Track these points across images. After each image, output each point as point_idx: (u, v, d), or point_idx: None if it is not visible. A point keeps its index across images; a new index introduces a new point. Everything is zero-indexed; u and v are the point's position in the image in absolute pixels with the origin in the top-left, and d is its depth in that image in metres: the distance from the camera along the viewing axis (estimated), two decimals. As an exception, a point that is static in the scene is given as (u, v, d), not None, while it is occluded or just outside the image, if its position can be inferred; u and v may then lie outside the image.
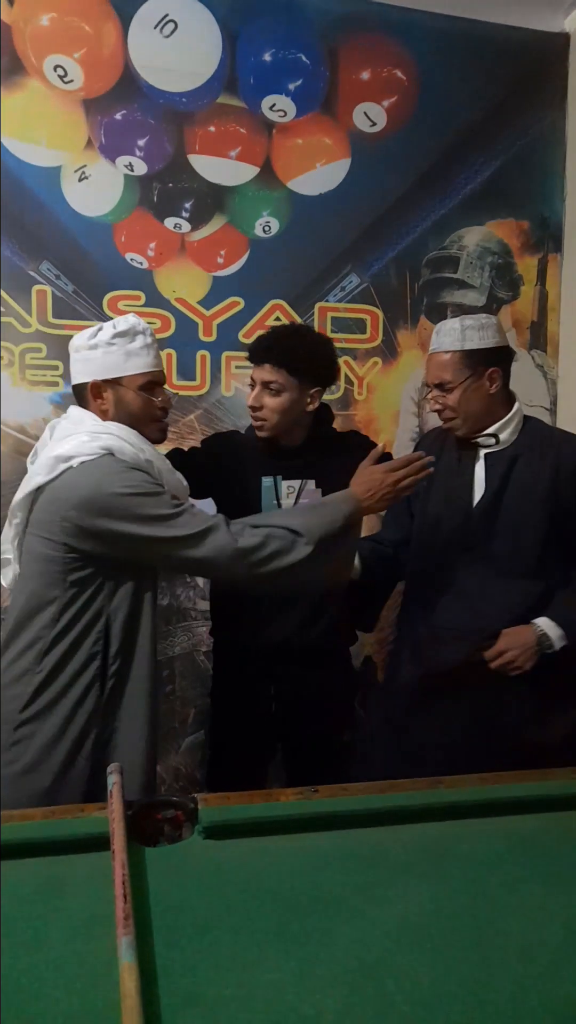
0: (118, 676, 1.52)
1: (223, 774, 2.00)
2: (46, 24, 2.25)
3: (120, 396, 1.58)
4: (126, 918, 0.88)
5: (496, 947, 0.91)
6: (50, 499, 1.49)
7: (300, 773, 1.99)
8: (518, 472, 1.75)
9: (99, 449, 1.48)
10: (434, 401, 1.81)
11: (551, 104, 2.68)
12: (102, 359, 1.57)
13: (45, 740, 1.48)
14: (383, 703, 2.01)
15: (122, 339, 1.57)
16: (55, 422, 1.63)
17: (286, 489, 1.89)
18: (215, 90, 2.40)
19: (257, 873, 1.05)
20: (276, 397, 1.83)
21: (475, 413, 1.77)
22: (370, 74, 2.52)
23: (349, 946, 0.91)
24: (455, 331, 1.76)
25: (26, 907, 0.97)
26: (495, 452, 1.79)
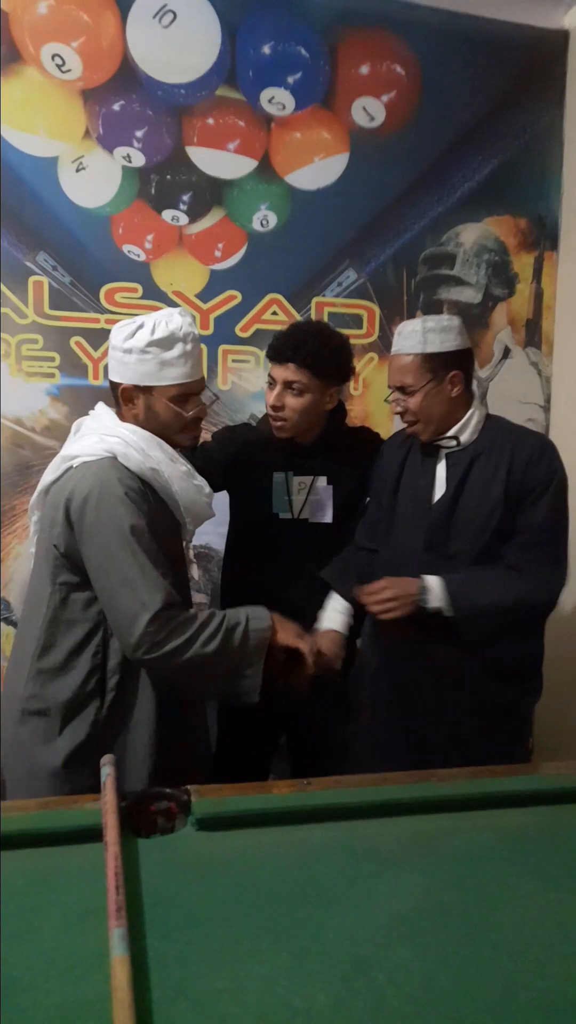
0: (119, 691, 1.47)
1: (229, 769, 1.99)
2: (44, 12, 2.23)
3: (150, 404, 1.52)
4: (118, 910, 0.89)
5: (488, 941, 0.91)
6: (51, 498, 1.48)
7: (305, 766, 2.00)
8: (476, 472, 1.74)
9: (103, 451, 1.45)
10: (395, 404, 1.78)
11: (550, 102, 2.67)
12: (136, 366, 1.49)
13: (40, 747, 1.46)
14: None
15: (158, 348, 1.48)
16: (80, 420, 1.60)
17: (297, 485, 1.89)
18: (214, 82, 2.39)
19: (250, 865, 1.05)
20: (299, 397, 1.81)
21: (436, 416, 1.75)
22: (369, 69, 2.51)
23: (341, 939, 0.91)
24: (416, 333, 1.73)
25: (19, 898, 0.97)
26: (456, 452, 1.78)
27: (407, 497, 1.84)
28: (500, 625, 1.69)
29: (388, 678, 1.86)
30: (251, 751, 1.99)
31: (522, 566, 1.68)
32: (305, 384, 1.80)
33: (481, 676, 1.75)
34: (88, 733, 1.46)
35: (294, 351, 1.80)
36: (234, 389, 2.49)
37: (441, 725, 1.78)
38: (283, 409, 1.81)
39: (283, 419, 1.83)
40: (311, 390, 1.81)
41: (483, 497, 1.72)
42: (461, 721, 1.77)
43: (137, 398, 1.52)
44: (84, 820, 1.11)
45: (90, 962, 0.86)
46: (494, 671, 1.75)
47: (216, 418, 2.46)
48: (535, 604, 1.70)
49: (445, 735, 1.78)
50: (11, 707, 1.50)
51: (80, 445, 1.48)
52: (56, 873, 1.03)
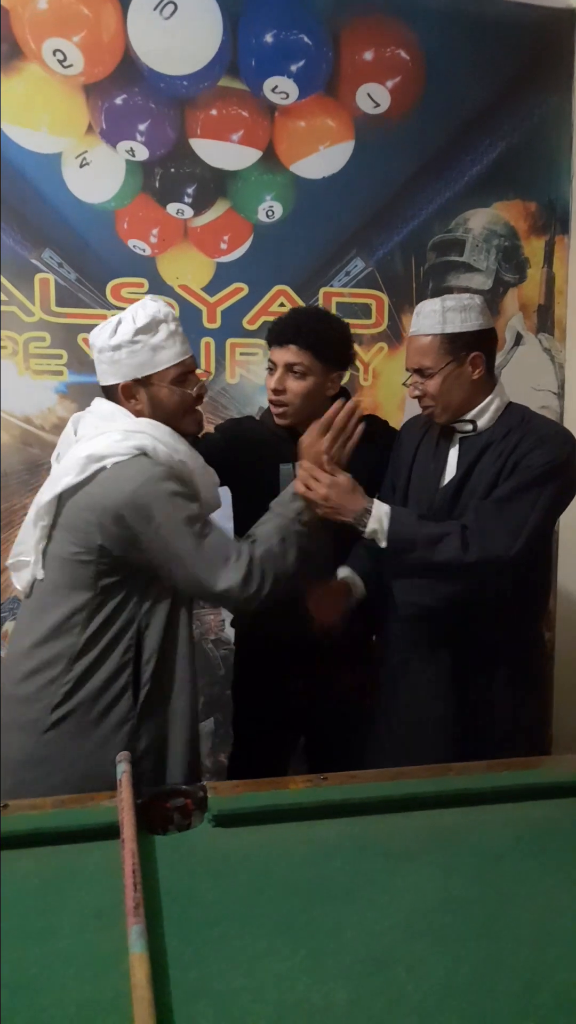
0: (153, 683, 1.47)
1: (246, 771, 1.97)
2: (44, 7, 2.22)
3: (153, 394, 1.50)
4: (136, 907, 0.89)
5: (507, 936, 0.91)
6: (83, 502, 1.43)
7: (323, 763, 1.98)
8: (486, 459, 1.69)
9: (132, 449, 1.42)
10: (413, 387, 1.72)
11: (558, 84, 2.63)
12: (128, 360, 1.48)
13: (73, 748, 1.44)
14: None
15: (145, 335, 1.47)
16: (78, 416, 1.56)
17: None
18: (216, 73, 2.37)
19: (266, 862, 1.05)
20: (301, 380, 1.78)
21: (456, 400, 1.69)
22: (373, 54, 2.48)
23: (359, 936, 0.91)
24: (435, 313, 1.67)
25: (36, 897, 0.98)
26: (470, 438, 1.73)
27: (418, 480, 1.80)
28: (427, 571, 1.61)
29: (405, 674, 1.84)
30: (269, 753, 1.98)
31: (472, 525, 1.60)
32: (307, 367, 1.77)
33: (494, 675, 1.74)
34: (126, 730, 1.46)
35: (295, 332, 1.77)
36: (242, 382, 2.48)
37: (458, 720, 1.76)
38: (284, 393, 1.78)
39: (284, 404, 1.79)
40: (313, 373, 1.78)
41: (483, 487, 1.67)
42: (478, 714, 1.76)
43: (139, 392, 1.51)
44: (100, 818, 1.12)
45: (108, 960, 0.86)
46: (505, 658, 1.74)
47: (224, 412, 2.45)
48: (464, 560, 1.58)
49: (460, 730, 1.76)
50: (37, 719, 1.47)
51: (104, 444, 1.44)
52: (73, 871, 1.03)
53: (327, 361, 1.79)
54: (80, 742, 1.44)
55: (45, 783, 1.40)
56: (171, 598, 1.50)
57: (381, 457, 1.92)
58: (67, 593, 1.46)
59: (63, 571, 1.47)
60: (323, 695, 1.92)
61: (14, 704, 1.48)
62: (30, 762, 1.45)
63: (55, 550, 1.48)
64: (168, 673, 1.50)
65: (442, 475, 1.75)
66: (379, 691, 1.94)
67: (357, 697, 1.97)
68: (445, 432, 1.78)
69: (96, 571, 1.44)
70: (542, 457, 1.62)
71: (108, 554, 1.42)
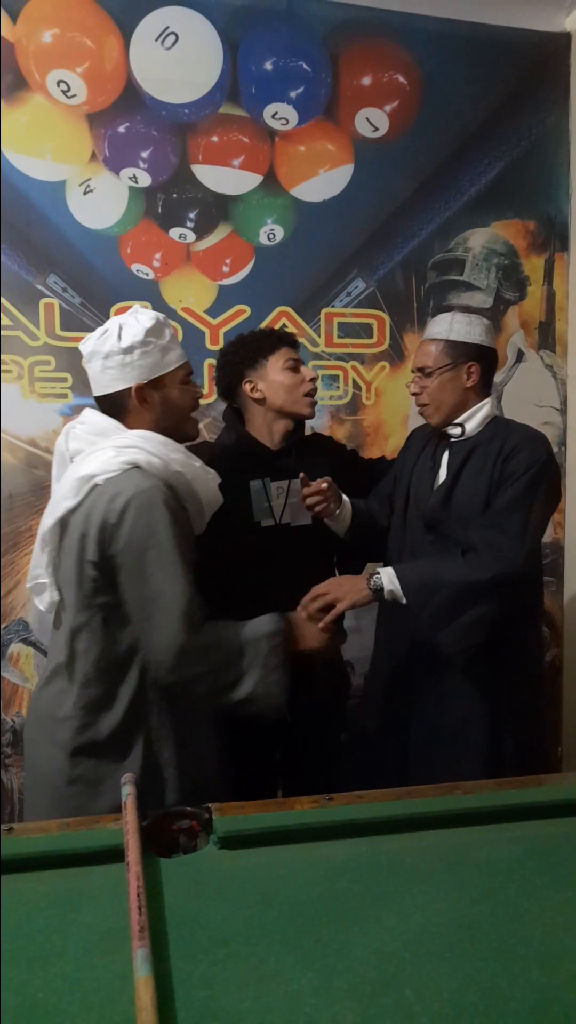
0: (170, 699, 1.46)
1: (232, 788, 1.95)
2: (48, 41, 2.27)
3: (165, 395, 1.51)
4: (141, 930, 0.88)
5: (517, 955, 0.90)
6: (77, 521, 1.43)
7: (302, 778, 1.97)
8: (472, 460, 1.81)
9: (124, 464, 1.41)
10: (414, 384, 1.87)
11: (554, 104, 2.67)
12: (141, 361, 1.47)
13: (101, 769, 1.43)
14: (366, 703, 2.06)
15: (154, 336, 1.48)
16: (70, 426, 1.53)
17: (275, 490, 1.86)
18: (217, 100, 2.41)
19: (273, 883, 1.04)
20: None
21: (449, 402, 1.83)
22: (371, 79, 2.52)
23: (367, 956, 0.89)
24: (445, 321, 1.84)
25: (42, 920, 0.97)
26: (459, 442, 1.86)
27: (417, 480, 1.92)
28: (455, 604, 1.66)
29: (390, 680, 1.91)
30: (254, 772, 1.92)
31: (478, 544, 1.70)
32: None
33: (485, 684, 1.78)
34: (143, 749, 1.44)
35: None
36: (247, 403, 2.49)
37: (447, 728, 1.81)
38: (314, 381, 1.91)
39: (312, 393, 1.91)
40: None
41: (473, 487, 1.79)
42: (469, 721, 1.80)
43: (151, 396, 1.50)
44: (106, 840, 1.11)
45: (114, 983, 0.85)
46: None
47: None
48: (482, 579, 1.66)
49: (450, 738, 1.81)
50: (65, 741, 1.46)
51: (97, 463, 1.42)
52: (78, 894, 1.02)
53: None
54: (106, 763, 1.44)
55: (79, 801, 1.41)
56: None
57: (336, 466, 1.98)
58: (75, 613, 1.46)
59: (71, 591, 1.46)
60: (304, 707, 1.90)
61: (48, 722, 1.48)
62: (67, 780, 1.44)
63: (64, 574, 1.48)
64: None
65: (435, 477, 1.88)
66: (370, 708, 1.98)
67: (332, 711, 1.99)
68: (440, 439, 1.90)
69: (94, 588, 1.42)
70: (525, 460, 1.74)
71: (102, 570, 1.40)
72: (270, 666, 1.43)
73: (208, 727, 1.55)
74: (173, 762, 1.47)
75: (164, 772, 1.46)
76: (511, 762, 1.80)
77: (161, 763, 1.47)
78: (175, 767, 1.47)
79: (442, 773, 1.70)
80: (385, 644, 1.99)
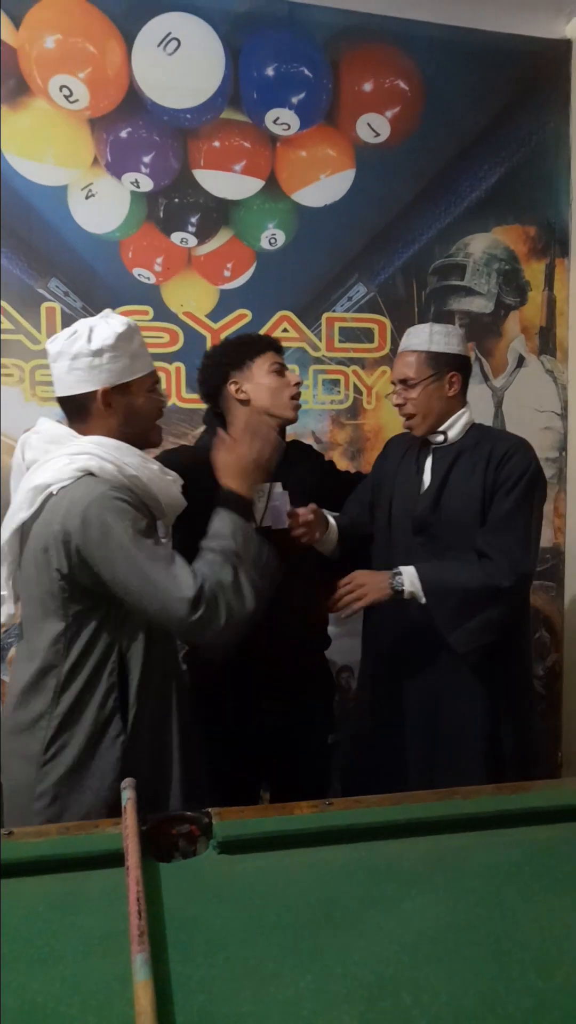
0: (140, 705, 1.45)
1: (219, 796, 1.93)
2: (51, 46, 2.28)
3: (131, 402, 1.49)
4: (141, 935, 0.88)
5: (515, 960, 0.90)
6: (37, 532, 1.42)
7: (292, 781, 1.97)
8: (459, 466, 1.87)
9: (77, 472, 1.39)
10: (397, 396, 1.90)
11: (554, 110, 2.68)
12: (110, 364, 1.45)
13: (70, 777, 1.43)
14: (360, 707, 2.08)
15: (125, 341, 1.46)
16: (25, 437, 1.51)
17: (256, 493, 1.86)
18: (219, 105, 2.42)
19: (272, 887, 1.04)
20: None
21: (432, 412, 1.88)
22: (373, 85, 2.53)
23: (365, 960, 0.90)
24: (423, 332, 1.89)
25: (41, 924, 0.97)
26: (442, 448, 1.91)
27: (400, 487, 1.96)
28: (470, 606, 1.76)
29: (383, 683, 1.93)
30: (234, 777, 1.92)
31: (490, 551, 1.77)
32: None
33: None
34: (120, 756, 1.43)
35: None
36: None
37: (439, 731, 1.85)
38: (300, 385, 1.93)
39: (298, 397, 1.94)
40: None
41: (465, 491, 1.84)
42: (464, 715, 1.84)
43: (117, 401, 1.47)
44: (105, 844, 1.11)
45: (113, 987, 0.85)
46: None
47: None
48: (501, 586, 1.75)
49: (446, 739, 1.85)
50: (34, 752, 1.45)
51: (50, 472, 1.41)
52: (78, 898, 1.03)
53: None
54: (80, 773, 1.43)
55: (50, 813, 1.40)
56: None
57: (311, 475, 2.01)
58: (43, 625, 1.44)
59: (36, 604, 1.45)
60: (283, 716, 1.91)
61: (16, 734, 1.47)
62: (35, 793, 1.43)
63: (25, 584, 1.47)
64: (155, 693, 1.49)
65: (420, 482, 1.93)
66: (364, 714, 2.02)
67: (320, 710, 2.00)
68: (422, 446, 1.95)
69: (63, 599, 1.40)
70: (519, 465, 1.82)
71: (69, 580, 1.39)
72: (254, 559, 1.44)
73: (187, 735, 1.54)
74: (147, 775, 1.45)
75: (149, 780, 1.45)
76: (509, 764, 1.82)
77: (141, 774, 1.43)
78: (148, 779, 1.45)
79: (438, 776, 1.72)
80: (373, 649, 2.01)
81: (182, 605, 1.33)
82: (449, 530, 1.83)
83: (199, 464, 1.85)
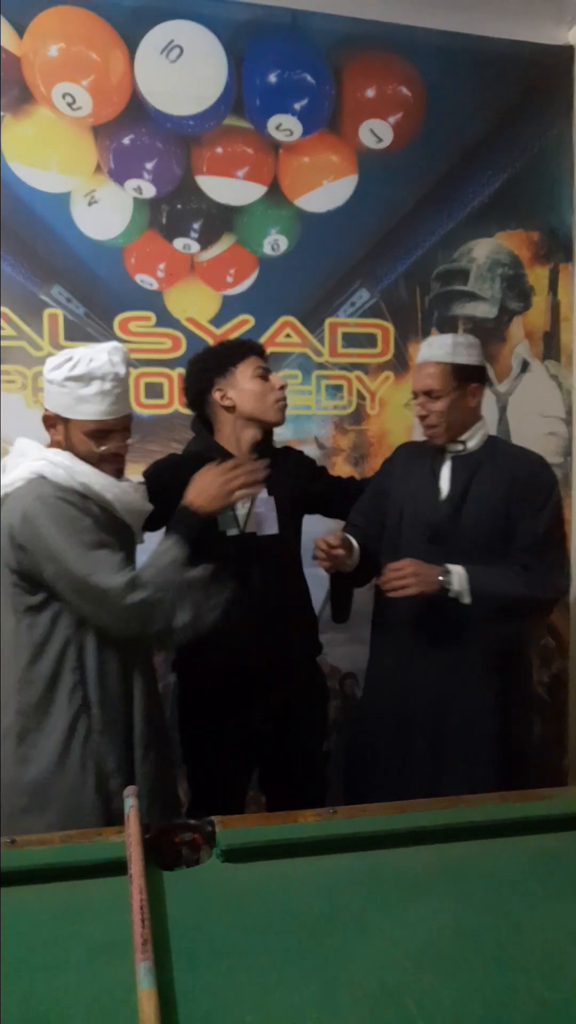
0: (103, 704, 1.50)
1: (209, 803, 1.87)
2: (55, 55, 2.29)
3: (68, 435, 1.56)
4: (144, 943, 0.87)
5: (520, 968, 0.89)
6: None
7: (286, 788, 1.96)
8: (480, 476, 1.88)
9: (29, 473, 1.49)
10: (421, 407, 1.89)
11: (557, 115, 2.68)
12: (56, 396, 1.54)
13: (44, 776, 1.47)
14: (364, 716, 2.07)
15: (75, 383, 1.51)
16: (5, 461, 1.61)
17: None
18: (221, 112, 2.42)
19: (276, 896, 1.04)
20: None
21: (457, 423, 1.89)
22: (375, 91, 2.53)
23: (370, 969, 0.89)
24: (447, 344, 1.88)
25: (44, 932, 0.97)
26: (460, 457, 1.92)
27: (414, 494, 1.95)
28: (508, 614, 1.82)
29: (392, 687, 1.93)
30: (224, 787, 1.93)
31: (531, 566, 1.81)
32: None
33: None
34: (91, 754, 1.48)
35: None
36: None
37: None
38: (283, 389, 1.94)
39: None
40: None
41: (486, 502, 1.85)
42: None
43: (57, 425, 1.57)
44: (108, 853, 1.11)
45: (117, 995, 0.85)
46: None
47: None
48: (541, 600, 1.85)
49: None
50: (9, 754, 1.49)
51: (8, 477, 1.52)
52: (81, 906, 1.02)
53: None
54: (54, 770, 1.47)
55: (37, 814, 1.44)
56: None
57: (303, 478, 2.03)
58: (6, 624, 1.52)
59: (3, 601, 1.52)
60: (276, 724, 1.91)
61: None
62: (20, 792, 1.47)
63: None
64: (115, 692, 1.52)
65: (437, 490, 1.92)
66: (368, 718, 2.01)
67: (314, 717, 2.01)
68: (434, 455, 1.95)
69: (16, 595, 1.49)
70: (547, 481, 1.88)
71: (20, 575, 1.47)
72: (189, 585, 1.50)
73: (157, 734, 1.58)
74: (117, 772, 1.50)
75: (108, 784, 1.49)
76: (516, 772, 1.81)
77: (106, 772, 1.49)
78: (120, 778, 1.50)
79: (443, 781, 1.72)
80: (385, 655, 1.99)
81: (115, 594, 1.41)
82: (466, 540, 1.84)
83: (183, 469, 1.86)
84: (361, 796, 1.79)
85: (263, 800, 2.12)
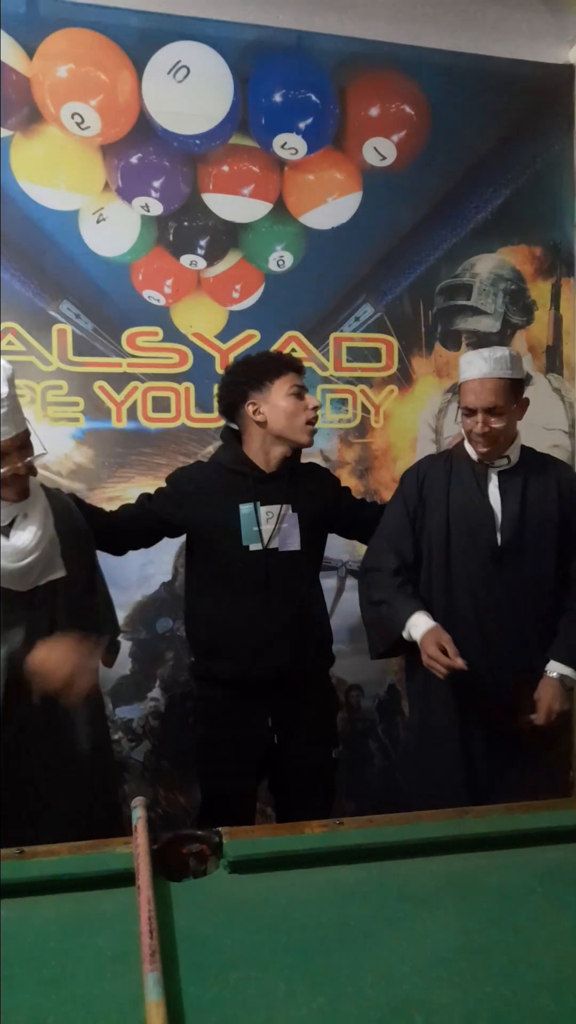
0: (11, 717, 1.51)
1: (219, 811, 1.90)
2: (64, 75, 2.32)
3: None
4: (152, 954, 0.88)
5: (527, 981, 0.89)
6: None
7: (296, 797, 1.96)
8: (531, 490, 1.90)
9: None
10: (483, 424, 1.83)
11: (559, 133, 2.71)
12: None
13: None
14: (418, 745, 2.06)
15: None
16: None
17: (265, 515, 1.86)
18: (228, 131, 2.46)
19: (283, 907, 1.04)
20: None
21: (510, 437, 1.90)
22: (379, 110, 2.57)
23: (377, 981, 0.89)
24: (504, 359, 1.84)
25: (53, 943, 0.97)
26: (506, 471, 1.91)
27: (463, 512, 1.91)
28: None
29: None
30: (235, 795, 1.93)
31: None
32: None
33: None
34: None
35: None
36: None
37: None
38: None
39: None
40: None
41: (542, 517, 1.88)
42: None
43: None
44: (116, 864, 1.11)
45: (125, 1007, 0.85)
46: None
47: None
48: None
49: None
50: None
51: None
52: (89, 917, 1.03)
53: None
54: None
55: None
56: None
57: (327, 497, 2.02)
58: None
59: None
60: (287, 733, 1.91)
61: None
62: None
63: None
64: (30, 705, 1.52)
65: (488, 508, 1.90)
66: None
67: (325, 726, 2.00)
68: (475, 470, 1.92)
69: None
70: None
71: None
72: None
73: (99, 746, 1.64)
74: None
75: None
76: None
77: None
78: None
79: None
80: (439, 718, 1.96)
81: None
82: (528, 556, 1.87)
83: (209, 478, 1.87)
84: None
85: (269, 812, 2.12)
